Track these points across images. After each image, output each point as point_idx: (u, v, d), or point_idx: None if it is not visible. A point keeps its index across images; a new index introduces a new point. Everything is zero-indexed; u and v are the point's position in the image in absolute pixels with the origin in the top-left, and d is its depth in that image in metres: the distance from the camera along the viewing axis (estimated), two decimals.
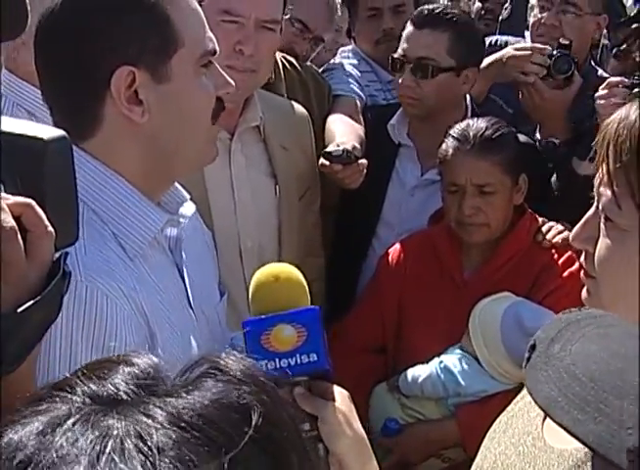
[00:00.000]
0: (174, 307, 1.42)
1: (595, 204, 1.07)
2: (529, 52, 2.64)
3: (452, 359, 2.20)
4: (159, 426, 0.57)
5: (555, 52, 2.62)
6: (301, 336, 1.19)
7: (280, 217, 2.20)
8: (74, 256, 1.23)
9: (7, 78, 2.29)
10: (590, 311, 0.82)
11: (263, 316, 1.21)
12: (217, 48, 1.41)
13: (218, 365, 0.63)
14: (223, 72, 1.43)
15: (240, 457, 0.55)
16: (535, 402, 0.69)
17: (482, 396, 2.16)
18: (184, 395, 0.60)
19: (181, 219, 1.49)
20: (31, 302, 0.85)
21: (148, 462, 0.54)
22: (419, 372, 2.22)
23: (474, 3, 4.83)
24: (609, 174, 1.03)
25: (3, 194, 0.87)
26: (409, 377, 2.23)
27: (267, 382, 0.63)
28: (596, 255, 1.06)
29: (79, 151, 1.34)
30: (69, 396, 0.60)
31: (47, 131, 0.93)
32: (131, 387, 0.61)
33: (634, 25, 3.07)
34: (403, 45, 2.57)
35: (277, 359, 1.17)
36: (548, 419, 1.09)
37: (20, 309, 0.84)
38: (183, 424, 0.57)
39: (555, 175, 2.59)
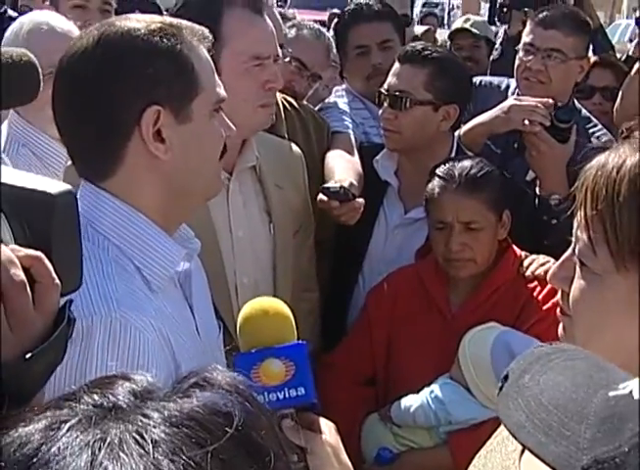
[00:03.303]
0: (191, 340, 1.48)
1: (572, 246, 1.10)
2: (533, 103, 2.65)
3: (443, 389, 2.25)
4: (154, 424, 0.64)
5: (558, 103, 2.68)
6: (290, 370, 1.24)
7: (275, 254, 2.25)
8: (108, 292, 1.30)
9: (14, 120, 2.40)
10: (560, 346, 0.86)
11: (253, 350, 1.25)
12: (225, 95, 1.51)
13: (206, 378, 0.71)
14: (225, 118, 1.52)
15: (222, 450, 0.63)
16: (506, 428, 0.77)
17: (473, 423, 2.21)
18: (177, 400, 0.67)
19: (193, 254, 1.56)
20: (38, 349, 0.89)
21: (145, 453, 0.61)
22: (410, 402, 2.27)
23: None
24: (586, 220, 1.05)
25: (14, 246, 0.91)
26: (401, 407, 2.28)
27: (248, 391, 0.71)
28: (570, 296, 1.10)
29: (100, 190, 1.43)
30: (74, 404, 0.67)
31: (54, 186, 0.98)
32: (129, 397, 0.68)
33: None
34: (388, 79, 2.67)
35: (266, 393, 1.21)
36: (525, 454, 1.13)
37: (27, 356, 0.88)
38: (175, 422, 0.64)
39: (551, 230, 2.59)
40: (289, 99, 2.78)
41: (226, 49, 2.06)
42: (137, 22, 1.44)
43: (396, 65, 2.68)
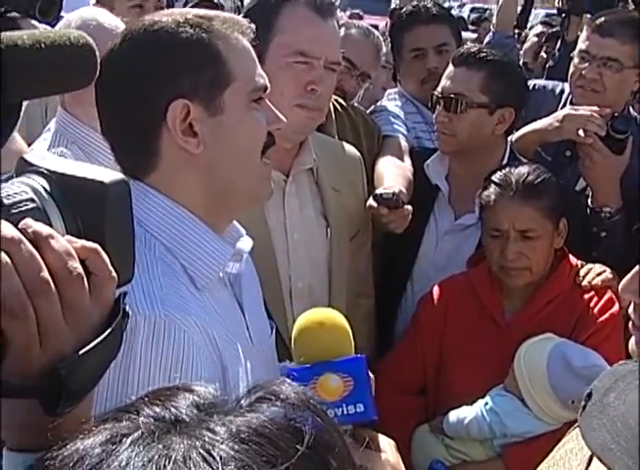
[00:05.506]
0: (239, 341, 1.44)
1: None
2: (588, 112, 2.61)
3: (497, 401, 2.21)
4: (221, 439, 0.60)
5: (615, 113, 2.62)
6: (348, 386, 1.20)
7: (331, 259, 2.21)
8: (152, 292, 1.28)
9: (63, 117, 2.38)
10: None
11: (309, 365, 1.21)
12: (268, 84, 1.48)
13: (273, 391, 0.67)
14: (274, 108, 1.48)
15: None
16: (589, 448, 0.73)
17: (529, 436, 2.17)
18: (244, 414, 0.64)
19: (243, 254, 1.53)
20: (94, 343, 0.86)
21: None
22: (464, 414, 2.23)
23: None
24: None
25: (69, 237, 0.88)
26: (454, 419, 2.24)
27: (319, 406, 0.68)
28: None
29: (145, 186, 1.41)
30: (134, 416, 0.64)
31: (107, 174, 0.95)
32: (192, 410, 0.64)
33: None
34: (442, 83, 2.64)
35: None
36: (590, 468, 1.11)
37: (82, 352, 0.85)
38: (243, 438, 0.61)
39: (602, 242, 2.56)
40: (339, 100, 2.74)
41: (274, 40, 2.06)
42: (164, 16, 1.43)
43: (450, 67, 2.65)
